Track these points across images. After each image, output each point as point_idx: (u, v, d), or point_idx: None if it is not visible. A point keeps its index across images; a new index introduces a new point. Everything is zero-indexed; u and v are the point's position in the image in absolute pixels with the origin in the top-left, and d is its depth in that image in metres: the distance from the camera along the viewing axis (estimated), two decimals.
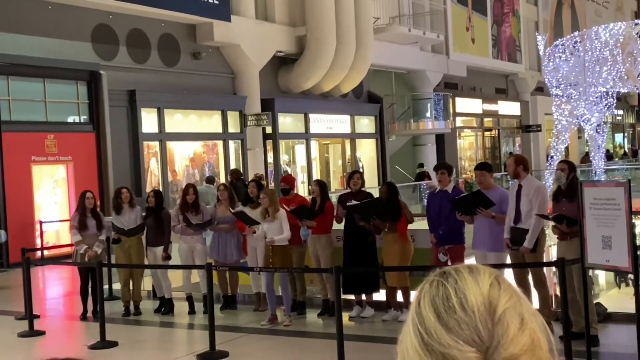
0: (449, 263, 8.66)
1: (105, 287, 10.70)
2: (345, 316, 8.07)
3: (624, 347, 6.99)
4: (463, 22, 31.23)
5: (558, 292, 7.65)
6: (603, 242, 6.63)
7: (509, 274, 8.36)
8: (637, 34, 18.93)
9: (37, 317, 9.68)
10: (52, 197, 16.90)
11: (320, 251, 9.53)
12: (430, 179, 23.35)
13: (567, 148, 21.91)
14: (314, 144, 25.31)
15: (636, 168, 31.00)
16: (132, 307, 10.23)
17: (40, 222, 15.92)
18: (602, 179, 18.27)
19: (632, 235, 6.53)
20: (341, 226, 9.58)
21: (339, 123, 25.76)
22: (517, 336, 1.03)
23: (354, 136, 26.46)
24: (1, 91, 15.70)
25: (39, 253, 14.14)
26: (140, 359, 7.88)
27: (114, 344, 8.38)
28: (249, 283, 10.39)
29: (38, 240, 15.54)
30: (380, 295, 9.43)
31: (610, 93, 20.00)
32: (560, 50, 20.48)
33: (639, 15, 50.78)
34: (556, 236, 8.16)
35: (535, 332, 1.05)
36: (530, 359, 1.03)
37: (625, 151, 47.46)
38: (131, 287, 10.26)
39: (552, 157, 21.12)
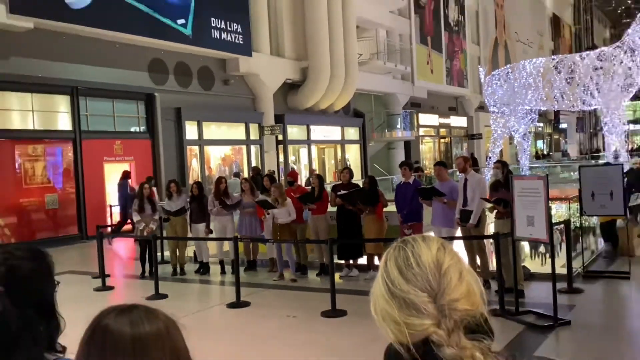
0: (412, 235, 8.68)
1: (158, 254, 10.71)
2: (336, 275, 8.09)
3: (542, 298, 7.01)
4: (424, 58, 31.18)
5: (495, 258, 7.65)
6: (527, 220, 6.64)
7: (459, 244, 8.40)
8: (553, 66, 18.92)
9: (108, 276, 9.72)
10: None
11: (319, 227, 9.56)
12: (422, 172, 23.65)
13: (501, 151, 21.90)
14: (314, 148, 25.31)
15: (552, 166, 30.99)
16: (178, 269, 10.27)
17: (110, 206, 15.93)
18: (528, 174, 18.28)
19: (549, 216, 6.54)
20: (334, 209, 9.60)
21: (332, 132, 25.77)
22: (457, 285, 1.08)
23: (343, 142, 26.49)
24: (82, 109, 15.69)
25: (109, 229, 14.14)
26: (184, 307, 7.88)
27: (165, 296, 8.42)
28: (265, 251, 10.42)
29: (108, 219, 15.54)
30: (362, 260, 9.46)
31: (533, 110, 20.00)
32: (496, 79, 20.46)
33: (555, 53, 50.75)
34: (494, 216, 8.20)
35: (470, 284, 1.10)
36: (466, 301, 1.07)
37: (543, 153, 47.47)
38: (177, 254, 10.29)
39: (490, 157, 21.12)
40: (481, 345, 1.03)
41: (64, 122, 15.58)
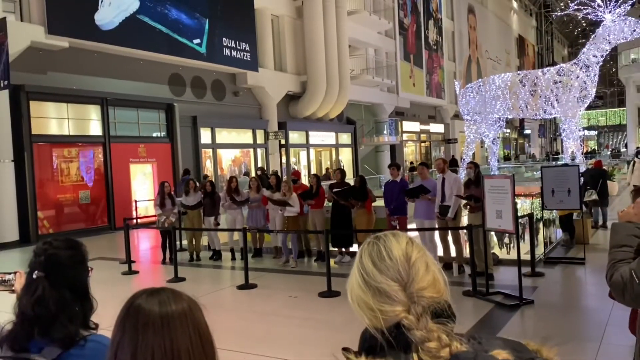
0: (398, 227, 8.70)
1: (177, 243, 10.70)
2: (332, 261, 8.09)
3: (510, 282, 7.03)
4: (407, 73, 31.16)
5: (468, 246, 7.67)
6: (496, 214, 6.65)
7: (437, 234, 8.42)
8: (519, 80, 18.91)
9: (134, 262, 9.69)
10: (143, 185, 16.85)
11: (317, 220, 9.57)
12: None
13: (473, 154, 21.90)
14: (312, 151, 25.25)
15: (517, 167, 31.03)
16: (194, 256, 10.25)
17: (135, 201, 15.89)
18: (497, 174, 18.30)
19: (515, 210, 6.55)
20: (330, 204, 9.60)
21: (328, 137, 25.70)
22: (424, 275, 1.08)
23: (337, 146, 26.42)
24: (111, 117, 15.64)
25: (134, 221, 14.12)
26: (201, 289, 7.88)
27: (183, 279, 8.42)
28: (270, 240, 10.42)
29: (134, 213, 15.52)
30: (354, 248, 9.46)
31: (501, 118, 20.00)
32: (470, 91, 20.45)
33: (520, 68, 50.75)
34: (467, 210, 8.20)
35: (436, 273, 1.10)
36: (432, 289, 1.07)
37: (509, 155, 47.52)
38: (194, 243, 10.27)
39: (464, 159, 21.12)
40: (446, 328, 1.02)
41: (95, 128, 15.53)
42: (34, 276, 1.61)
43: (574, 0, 18.47)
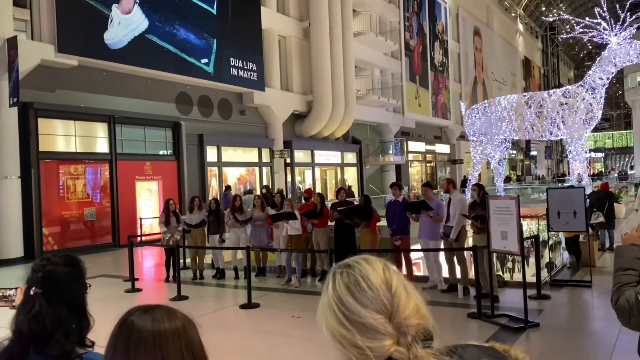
0: (401, 246, 8.66)
1: (181, 261, 10.67)
2: None
3: (515, 303, 6.94)
4: (413, 93, 31.31)
5: (473, 267, 7.60)
6: (501, 235, 6.60)
7: (442, 255, 8.37)
8: (525, 102, 18.96)
9: (137, 279, 9.66)
10: (148, 202, 16.89)
11: (320, 239, 9.52)
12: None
13: (479, 174, 21.86)
14: (317, 170, 25.29)
15: (523, 188, 30.92)
16: (197, 274, 10.21)
17: (140, 219, 15.91)
18: (502, 194, 18.23)
19: (520, 231, 6.51)
20: (333, 223, 9.57)
21: (333, 156, 25.75)
22: (406, 303, 1.01)
23: (342, 165, 26.47)
24: (118, 134, 15.76)
25: (139, 238, 14.12)
26: (203, 307, 7.83)
27: (186, 297, 8.37)
28: (274, 259, 10.37)
29: (138, 230, 15.53)
30: None
31: (507, 139, 20.00)
32: (475, 112, 20.50)
33: (526, 90, 50.90)
34: (473, 231, 8.15)
35: (417, 297, 1.04)
36: (418, 316, 1.01)
37: (518, 177, 47.38)
38: (197, 261, 10.24)
39: (469, 180, 21.07)
40: (433, 350, 0.97)
41: (102, 146, 15.64)
42: (31, 292, 1.60)
43: (580, 23, 18.57)
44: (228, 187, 18.39)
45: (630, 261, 2.19)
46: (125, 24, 15.15)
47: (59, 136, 14.74)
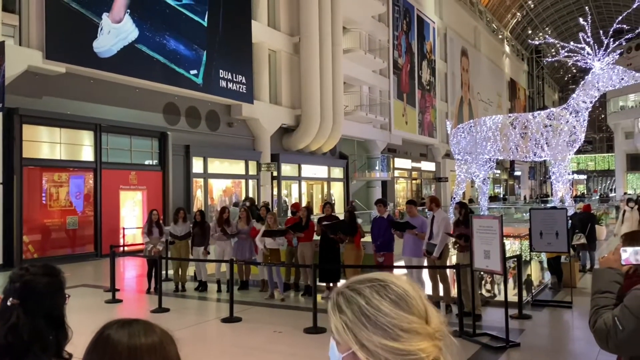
0: (384, 263, 8.66)
1: (163, 272, 10.56)
2: (318, 296, 7.99)
3: (496, 322, 6.96)
4: (400, 111, 31.57)
5: (456, 286, 7.62)
6: (484, 254, 6.63)
7: (426, 272, 8.38)
8: (510, 123, 19.19)
9: (118, 290, 9.55)
10: (132, 212, 16.72)
11: (305, 253, 9.48)
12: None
13: (464, 193, 22.00)
14: (304, 184, 25.29)
15: (507, 207, 31.17)
16: (180, 286, 10.11)
17: (123, 228, 15.75)
18: (486, 214, 18.36)
19: (503, 251, 6.55)
20: (318, 237, 9.55)
21: (320, 171, 25.80)
22: (435, 314, 1.07)
23: (329, 180, 26.51)
24: (104, 143, 15.63)
25: (121, 248, 13.95)
26: (184, 320, 7.74)
27: (167, 310, 8.27)
28: (257, 272, 10.30)
29: (121, 240, 15.35)
30: (341, 283, 9.35)
31: (492, 159, 20.19)
32: (461, 131, 20.69)
33: (511, 111, 51.63)
34: (456, 249, 8.18)
35: (439, 313, 1.09)
36: (443, 325, 1.06)
37: (502, 196, 47.81)
38: (180, 273, 10.14)
39: (454, 198, 21.19)
40: None
41: (87, 154, 15.49)
42: (8, 303, 1.57)
43: (565, 47, 18.93)
44: (247, 199, 18.47)
45: (607, 284, 2.22)
46: (115, 33, 15.12)
47: (44, 143, 14.58)
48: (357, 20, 26.63)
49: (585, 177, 68.44)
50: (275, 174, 22.19)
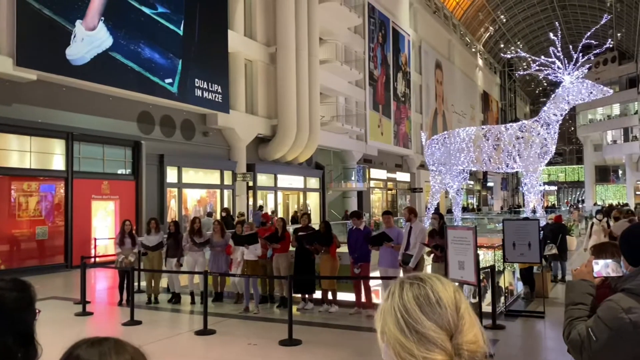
0: (360, 274, 8.67)
1: (135, 284, 10.38)
2: (294, 308, 7.94)
3: None
4: (376, 122, 31.82)
5: None
6: (459, 264, 6.70)
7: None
8: (483, 134, 19.50)
9: (89, 302, 9.33)
10: (104, 222, 16.42)
11: (281, 264, 9.44)
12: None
13: (438, 203, 22.23)
14: (279, 194, 25.22)
15: (480, 218, 31.59)
16: (152, 298, 9.94)
17: (95, 239, 15.45)
18: (460, 224, 18.56)
19: (477, 261, 6.62)
20: (294, 248, 9.51)
21: (296, 181, 25.78)
22: (470, 327, 1.05)
23: (305, 190, 26.50)
24: (75, 152, 15.36)
25: (92, 259, 13.66)
26: (157, 333, 7.60)
27: (139, 323, 8.12)
28: (229, 283, 10.20)
29: (93, 251, 15.05)
30: (317, 295, 9.33)
31: (465, 170, 20.46)
32: (435, 142, 20.95)
33: (484, 123, 52.54)
34: (431, 259, 8.24)
35: (479, 328, 1.08)
36: (476, 344, 1.05)
37: (474, 206, 48.44)
38: (152, 285, 9.98)
39: (429, 208, 21.39)
40: None
41: (58, 163, 15.19)
42: None
43: (536, 61, 19.37)
44: (260, 208, 20.49)
45: (580, 296, 2.26)
46: (89, 41, 14.91)
47: (13, 151, 14.25)
48: (333, 31, 26.83)
49: (555, 188, 69.91)
50: (250, 184, 22.08)
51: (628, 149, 50.04)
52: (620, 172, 57.07)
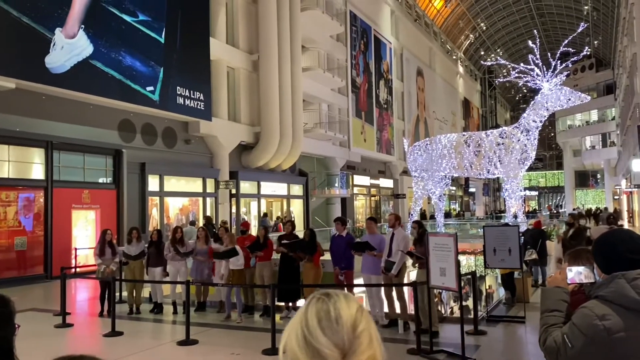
0: (344, 281, 8.69)
1: (117, 294, 10.27)
2: (277, 317, 7.93)
3: (453, 339, 7.07)
4: (359, 128, 31.96)
5: (413, 303, 7.71)
6: (440, 271, 6.76)
7: (383, 290, 8.44)
8: (464, 141, 19.71)
9: (69, 313, 9.21)
10: (84, 232, 16.21)
11: (264, 272, 9.42)
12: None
13: (421, 209, 22.36)
14: (263, 202, 25.16)
15: (462, 223, 31.83)
16: (134, 308, 9.83)
17: (75, 249, 15.25)
18: (443, 231, 18.70)
19: (458, 268, 6.69)
20: (278, 256, 9.50)
21: (279, 188, 25.75)
22: (366, 349, 1.03)
23: (289, 197, 26.47)
24: (55, 160, 15.17)
25: (73, 270, 13.48)
26: (138, 344, 7.52)
27: (120, 334, 8.02)
28: (213, 293, 10.15)
29: (73, 261, 14.85)
30: (301, 303, 9.32)
31: (447, 176, 20.64)
32: (417, 149, 21.12)
33: (465, 130, 53.08)
34: (416, 267, 8.28)
35: (377, 349, 1.06)
36: None
37: (458, 212, 48.83)
38: (134, 295, 9.88)
39: (412, 215, 21.52)
40: None
41: (37, 172, 14.99)
42: None
43: (516, 68, 19.67)
44: (265, 214, 21.75)
45: (555, 303, 2.31)
46: (69, 49, 14.78)
47: None
48: (315, 39, 26.95)
49: (536, 193, 70.79)
50: (234, 191, 22.00)
51: (606, 154, 50.95)
52: (599, 176, 58.07)
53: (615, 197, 50.86)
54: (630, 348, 2.01)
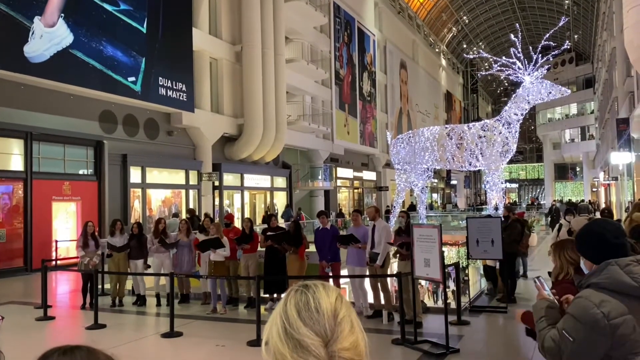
0: (331, 273, 8.72)
1: (99, 286, 10.16)
2: (262, 308, 7.92)
3: (437, 330, 7.14)
4: (342, 121, 31.96)
5: (397, 294, 7.76)
6: (424, 262, 6.80)
7: (367, 282, 8.48)
8: (446, 133, 19.79)
9: (50, 306, 9.09)
10: (65, 224, 15.99)
11: (250, 264, 9.40)
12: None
13: (403, 201, 22.46)
14: (246, 194, 25.06)
15: (445, 215, 32.08)
16: (117, 301, 9.74)
17: (56, 241, 15.02)
18: (425, 222, 18.82)
19: (442, 259, 6.74)
20: (263, 248, 9.48)
21: (263, 180, 25.66)
22: (347, 336, 1.04)
23: (272, 189, 26.41)
24: (35, 152, 14.91)
25: (53, 262, 13.28)
26: (122, 336, 7.45)
27: (103, 326, 7.95)
28: (199, 285, 10.10)
29: (54, 254, 14.64)
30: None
31: (429, 169, 20.73)
32: (400, 141, 21.16)
33: (447, 122, 53.41)
34: (398, 258, 8.34)
35: (359, 335, 1.07)
36: (354, 351, 1.04)
37: (440, 204, 49.23)
38: (117, 287, 9.79)
39: (394, 207, 21.61)
40: None
41: (16, 164, 14.71)
42: None
43: (497, 61, 19.79)
44: (288, 205, 22.00)
45: (541, 311, 2.36)
46: (48, 38, 14.48)
47: None
48: (299, 30, 26.81)
49: (517, 185, 71.66)
50: (217, 183, 21.87)
51: (585, 147, 51.73)
52: (578, 169, 58.99)
53: (594, 189, 51.73)
54: (627, 333, 2.02)
